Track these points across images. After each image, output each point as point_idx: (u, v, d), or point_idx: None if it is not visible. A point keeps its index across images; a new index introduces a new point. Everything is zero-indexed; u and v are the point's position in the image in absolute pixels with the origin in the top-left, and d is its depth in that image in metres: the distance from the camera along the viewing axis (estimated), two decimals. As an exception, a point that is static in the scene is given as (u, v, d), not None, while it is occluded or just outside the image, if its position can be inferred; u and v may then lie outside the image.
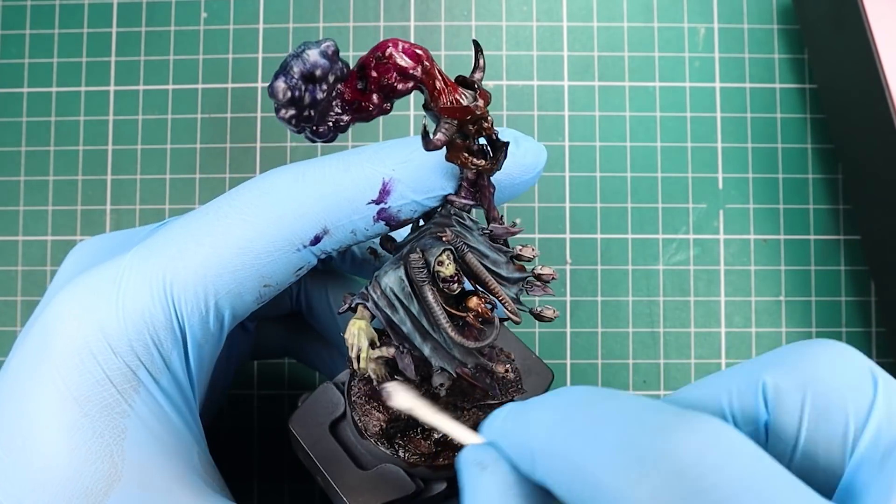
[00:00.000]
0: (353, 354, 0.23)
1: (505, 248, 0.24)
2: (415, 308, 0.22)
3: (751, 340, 0.38)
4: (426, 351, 0.23)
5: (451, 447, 0.24)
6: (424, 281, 0.22)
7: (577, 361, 0.38)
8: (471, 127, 0.21)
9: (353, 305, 0.23)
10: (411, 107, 0.39)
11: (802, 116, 0.39)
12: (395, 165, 0.23)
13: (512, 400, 0.25)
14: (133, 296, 0.23)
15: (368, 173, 0.23)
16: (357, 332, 0.23)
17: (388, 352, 0.23)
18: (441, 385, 0.24)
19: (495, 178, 0.24)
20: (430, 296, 0.22)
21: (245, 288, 0.23)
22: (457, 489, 0.24)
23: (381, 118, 0.38)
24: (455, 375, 0.23)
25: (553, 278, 0.24)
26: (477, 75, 0.22)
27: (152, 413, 0.23)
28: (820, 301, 0.38)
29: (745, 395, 0.17)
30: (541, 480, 0.17)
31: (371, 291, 0.23)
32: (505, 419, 0.19)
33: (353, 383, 0.25)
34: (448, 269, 0.22)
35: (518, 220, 0.24)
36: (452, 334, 0.22)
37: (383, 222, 0.23)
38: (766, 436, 0.17)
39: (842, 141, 0.37)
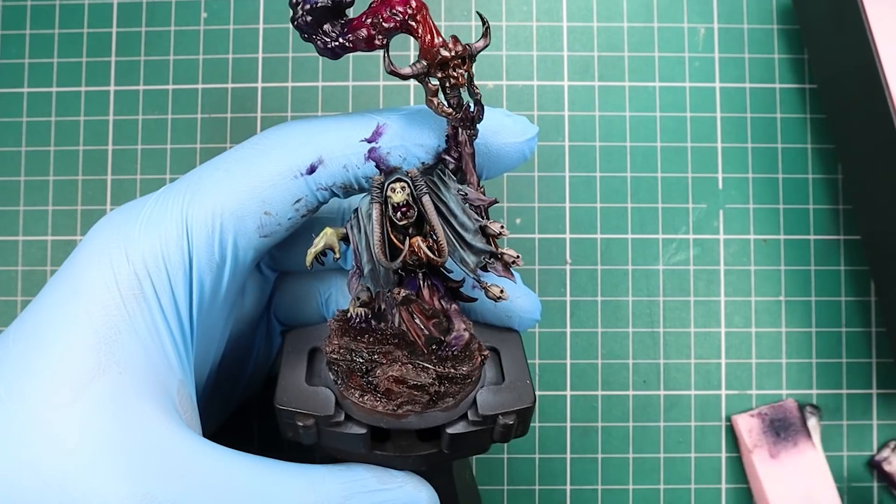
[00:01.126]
0: (309, 249, 0.25)
1: (477, 217, 0.25)
2: (369, 229, 0.24)
3: (751, 340, 0.38)
4: (365, 271, 0.25)
5: (377, 391, 0.25)
6: (375, 199, 0.24)
7: (576, 361, 0.38)
8: (439, 72, 0.24)
9: (343, 224, 0.26)
10: (411, 101, 0.39)
11: (802, 116, 0.39)
12: (391, 115, 0.26)
13: (456, 373, 0.25)
14: (155, 212, 0.25)
15: (366, 118, 0.26)
16: (322, 234, 0.25)
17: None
18: (358, 299, 0.25)
19: (489, 143, 0.26)
20: (375, 212, 0.24)
21: (247, 211, 0.25)
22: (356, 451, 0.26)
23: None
24: (373, 296, 0.25)
25: (515, 262, 0.25)
26: (478, 44, 0.24)
27: (146, 326, 0.24)
28: (820, 301, 0.38)
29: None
30: None
31: (352, 216, 0.25)
32: None
33: (337, 312, 0.27)
34: (397, 196, 0.24)
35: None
36: (375, 247, 0.24)
37: (373, 162, 0.25)
38: None
39: (842, 140, 0.37)
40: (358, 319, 0.26)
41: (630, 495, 0.37)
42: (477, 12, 0.25)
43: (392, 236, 0.24)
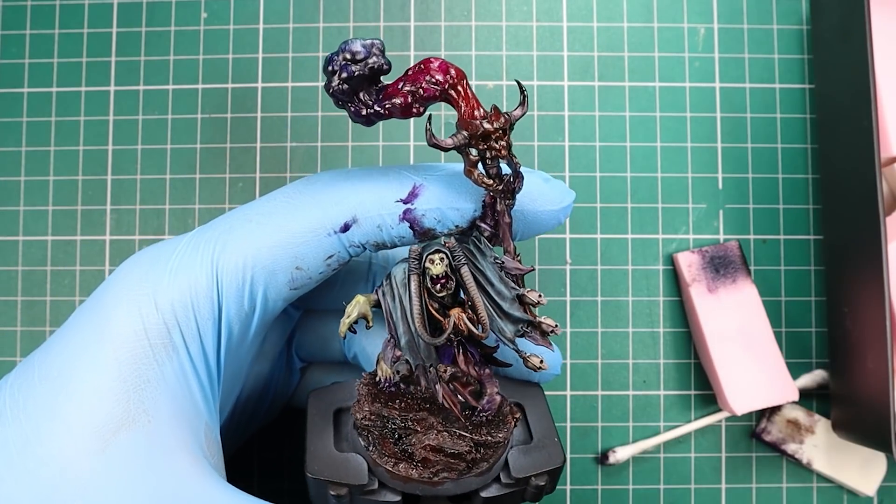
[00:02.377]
0: (342, 319, 0.25)
1: (514, 285, 0.24)
2: (406, 299, 0.24)
3: (751, 340, 0.38)
4: (402, 341, 0.24)
5: (412, 459, 0.25)
6: (413, 271, 0.24)
7: (577, 361, 0.38)
8: (481, 143, 0.23)
9: (374, 290, 0.26)
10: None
11: (802, 116, 0.39)
12: (427, 176, 0.25)
13: (493, 440, 0.25)
14: (185, 262, 0.25)
15: (402, 176, 0.25)
16: (355, 303, 0.25)
17: (398, 352, 0.25)
18: (397, 373, 0.25)
19: (525, 210, 0.25)
20: (413, 284, 0.24)
21: (279, 266, 0.25)
22: None
23: (381, 127, 0.38)
24: (412, 369, 0.25)
25: (553, 331, 0.24)
26: (516, 113, 0.24)
27: (175, 375, 0.24)
28: (819, 301, 0.38)
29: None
30: None
31: (385, 282, 0.25)
32: None
33: (364, 376, 0.27)
34: (436, 267, 0.23)
35: (533, 268, 0.25)
36: (415, 321, 0.23)
37: (408, 224, 0.25)
38: None
39: (824, 142, 0.38)
40: (387, 384, 0.26)
41: (630, 495, 0.37)
42: (516, 80, 0.25)
43: (430, 307, 0.24)
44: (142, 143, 0.39)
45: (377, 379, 0.26)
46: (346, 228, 0.25)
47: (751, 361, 0.36)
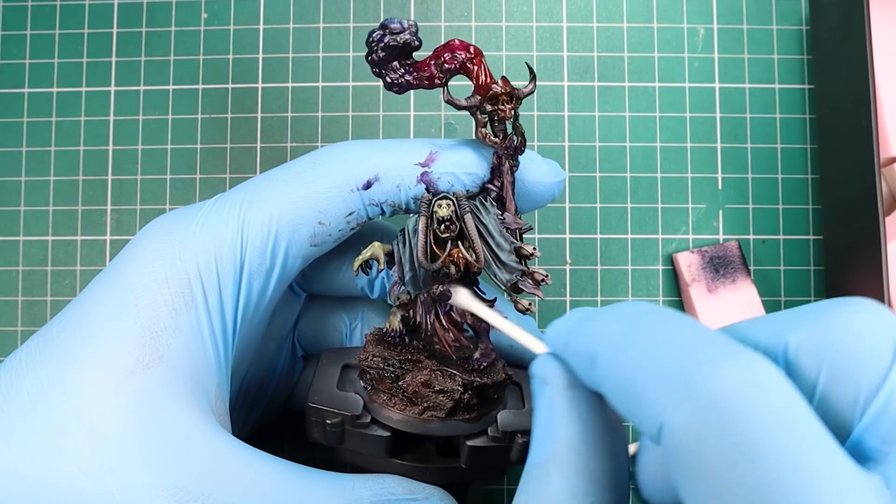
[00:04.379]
0: (356, 257, 0.27)
1: (512, 239, 0.27)
2: (414, 241, 0.26)
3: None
4: (406, 278, 0.27)
5: (404, 395, 0.27)
6: (422, 214, 0.26)
7: (576, 361, 0.38)
8: (489, 105, 0.27)
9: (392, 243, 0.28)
10: (411, 107, 0.39)
11: (802, 117, 0.39)
12: (443, 144, 0.28)
13: (481, 382, 0.27)
14: (211, 216, 0.26)
15: (422, 143, 0.27)
16: (371, 247, 0.27)
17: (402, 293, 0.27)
18: (398, 300, 0.27)
19: (524, 179, 0.28)
20: (421, 223, 0.26)
21: (303, 219, 0.26)
22: (395, 446, 0.27)
23: (383, 118, 0.39)
24: (413, 298, 0.27)
25: (545, 280, 0.27)
26: (525, 90, 0.27)
27: (191, 326, 0.25)
28: (819, 301, 0.38)
29: (770, 351, 0.18)
30: (595, 384, 0.19)
31: (399, 233, 0.27)
32: (571, 326, 0.20)
33: (374, 328, 0.29)
34: (442, 210, 0.26)
35: (531, 226, 0.28)
36: (420, 252, 0.26)
37: (424, 185, 0.27)
38: None
39: (824, 142, 0.38)
40: (393, 334, 0.28)
41: (629, 494, 0.37)
42: (526, 63, 0.28)
43: (434, 248, 0.26)
44: (142, 143, 0.39)
45: (383, 330, 0.28)
46: (368, 186, 0.26)
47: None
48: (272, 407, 0.33)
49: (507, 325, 0.24)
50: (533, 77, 0.27)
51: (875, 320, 0.17)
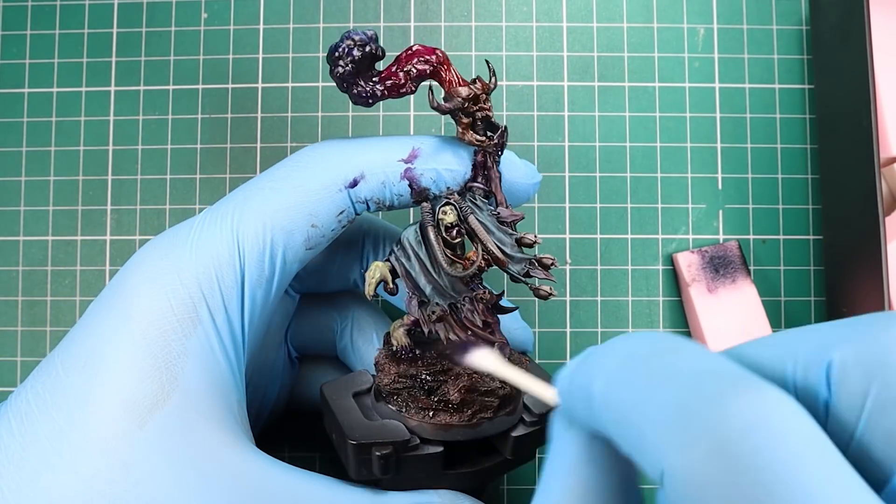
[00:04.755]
0: (366, 283, 0.27)
1: (511, 231, 0.27)
2: (423, 253, 0.27)
3: (750, 340, 0.38)
4: (427, 291, 0.27)
5: (449, 405, 0.26)
6: (429, 223, 0.26)
7: (576, 361, 0.38)
8: (472, 106, 0.27)
9: (385, 258, 0.28)
10: (411, 107, 0.39)
11: (802, 117, 0.39)
12: (425, 140, 0.28)
13: (488, 391, 0.27)
14: (205, 235, 0.26)
15: (404, 140, 0.27)
16: (374, 269, 0.27)
17: (408, 319, 0.27)
18: (433, 313, 0.27)
19: (505, 178, 0.28)
20: (431, 233, 0.26)
21: (296, 225, 0.26)
22: (457, 457, 0.27)
23: (383, 118, 0.39)
24: (447, 309, 0.26)
25: (553, 264, 0.27)
26: (491, 83, 0.27)
27: (203, 348, 0.24)
28: (819, 301, 0.38)
29: (811, 368, 0.16)
30: (595, 426, 0.17)
31: (395, 248, 0.27)
32: (575, 365, 0.18)
33: (379, 350, 0.28)
34: (449, 216, 0.26)
35: (524, 215, 0.28)
36: (443, 262, 0.26)
37: (407, 182, 0.27)
38: (825, 413, 0.16)
39: (824, 142, 0.38)
40: (404, 351, 0.27)
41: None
42: (486, 60, 0.29)
43: (448, 254, 0.27)
44: (142, 143, 0.39)
45: (394, 349, 0.27)
46: (354, 184, 0.26)
47: (751, 361, 0.36)
48: (275, 411, 0.33)
49: (528, 382, 0.22)
50: (492, 72, 0.27)
51: None
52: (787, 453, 0.13)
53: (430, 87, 0.27)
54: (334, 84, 0.27)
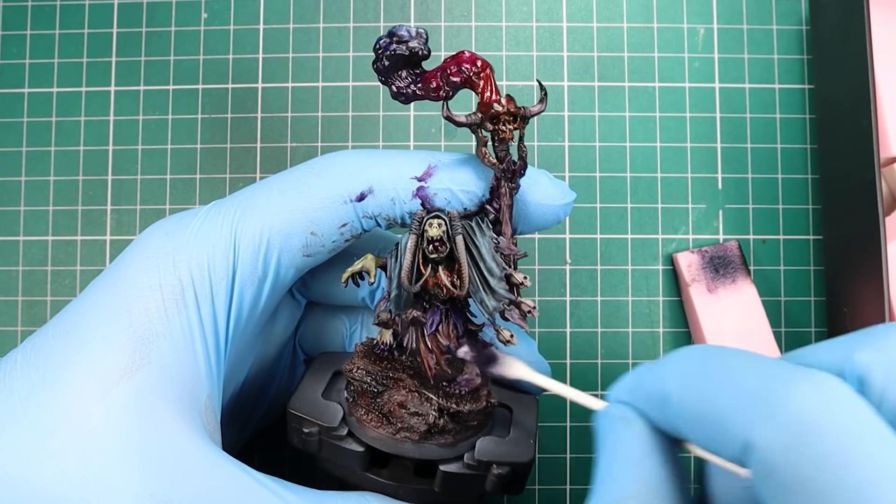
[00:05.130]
0: (348, 268, 0.27)
1: (504, 265, 0.26)
2: (403, 256, 0.26)
3: (750, 340, 0.38)
4: (393, 293, 0.26)
5: (381, 413, 0.26)
6: (413, 231, 0.25)
7: (576, 361, 0.38)
8: (489, 124, 0.25)
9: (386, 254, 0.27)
10: (412, 107, 0.39)
11: (802, 117, 0.39)
12: (443, 158, 0.27)
13: (457, 409, 0.26)
14: (206, 223, 0.26)
15: (419, 157, 0.27)
16: (363, 259, 0.27)
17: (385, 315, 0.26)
18: (378, 317, 0.26)
19: (528, 200, 0.27)
20: (411, 241, 0.25)
21: (295, 229, 0.26)
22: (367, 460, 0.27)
23: (383, 118, 0.39)
24: (393, 318, 0.26)
25: (531, 312, 0.26)
26: (534, 108, 0.26)
27: (183, 333, 0.25)
28: (819, 301, 0.38)
29: (837, 369, 0.19)
30: (671, 422, 0.19)
31: (394, 246, 0.26)
32: (637, 376, 0.21)
33: (362, 342, 0.28)
34: (433, 230, 0.25)
35: (526, 253, 0.27)
36: (403, 273, 0.25)
37: (420, 200, 0.26)
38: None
39: (824, 142, 0.38)
40: (383, 347, 0.27)
41: None
42: (537, 80, 0.27)
43: (422, 267, 0.26)
44: (142, 143, 0.39)
45: (374, 342, 0.27)
46: (361, 198, 0.26)
47: (750, 361, 0.36)
48: (273, 409, 0.33)
49: (562, 388, 0.24)
50: (544, 95, 0.26)
51: None
52: (849, 418, 0.16)
53: (451, 97, 0.26)
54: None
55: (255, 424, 0.33)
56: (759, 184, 0.38)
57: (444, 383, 0.27)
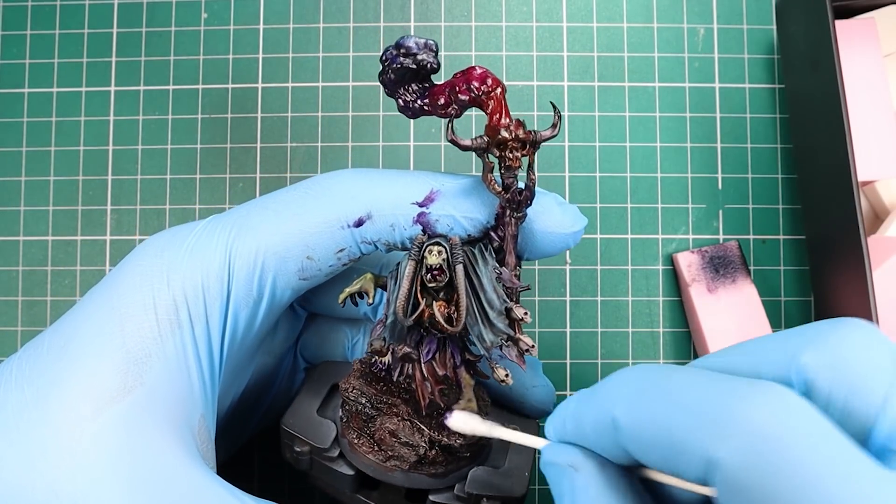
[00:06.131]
0: (346, 288, 0.26)
1: (505, 298, 0.25)
2: (400, 283, 0.25)
3: (750, 340, 0.38)
4: (388, 320, 0.25)
5: (372, 439, 0.26)
6: (412, 257, 0.24)
7: (576, 361, 0.38)
8: (496, 150, 0.24)
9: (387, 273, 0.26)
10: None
11: (802, 117, 0.39)
12: (446, 182, 0.26)
13: (448, 442, 0.26)
14: (201, 241, 0.25)
15: (421, 180, 0.26)
16: (361, 278, 0.26)
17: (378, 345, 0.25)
18: (371, 345, 0.25)
19: (535, 229, 0.25)
20: (407, 268, 0.24)
21: (290, 253, 0.25)
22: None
23: (383, 118, 0.38)
24: (386, 347, 0.25)
25: (529, 351, 0.25)
26: (545, 133, 0.24)
27: (177, 353, 0.24)
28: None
29: (783, 370, 0.19)
30: (623, 449, 0.19)
31: (395, 267, 0.26)
32: (575, 407, 0.20)
33: (360, 358, 0.27)
34: (433, 258, 0.24)
35: (528, 286, 0.25)
36: (398, 304, 0.24)
37: (421, 227, 0.25)
38: None
39: (803, 170, 0.38)
40: (381, 366, 0.26)
41: None
42: (550, 102, 0.25)
43: (419, 295, 0.24)
44: (142, 143, 0.39)
45: (373, 359, 0.27)
46: (359, 223, 0.25)
47: (750, 361, 0.36)
48: (271, 414, 0.33)
49: (509, 434, 0.23)
50: (557, 119, 0.24)
51: (873, 339, 0.19)
52: (807, 429, 0.16)
53: (451, 121, 0.24)
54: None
55: (253, 429, 0.33)
56: (759, 184, 0.38)
57: (438, 412, 0.26)
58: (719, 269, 0.37)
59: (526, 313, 0.24)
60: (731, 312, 0.36)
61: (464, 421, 0.24)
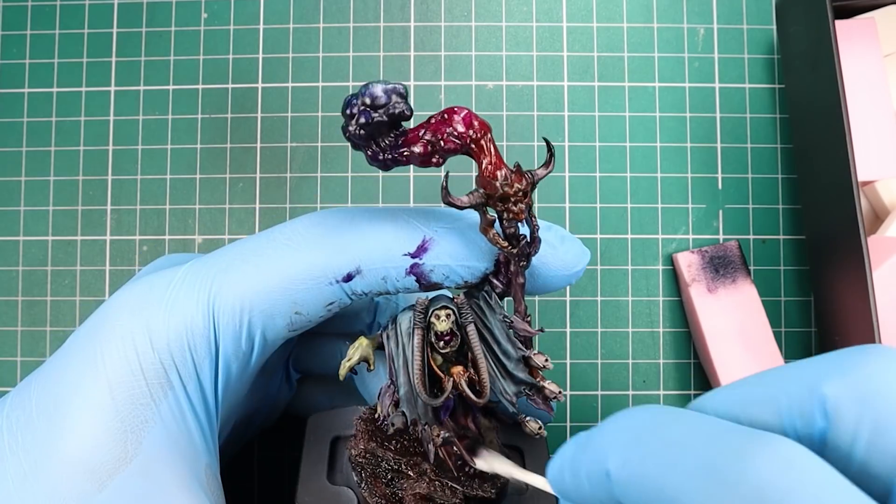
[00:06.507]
0: (343, 361, 0.24)
1: (520, 346, 0.23)
2: (409, 350, 0.23)
3: (750, 340, 0.38)
4: (401, 391, 0.23)
5: (399, 502, 0.25)
6: (418, 325, 0.23)
7: (576, 361, 0.38)
8: (498, 204, 0.22)
9: (378, 333, 0.25)
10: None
11: (802, 117, 0.39)
12: (438, 228, 0.24)
13: (485, 496, 0.25)
14: (181, 300, 0.24)
15: (412, 227, 0.24)
16: (357, 346, 0.24)
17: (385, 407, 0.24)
18: (392, 425, 0.24)
19: (536, 271, 0.24)
20: (416, 338, 0.23)
21: (278, 311, 0.24)
22: None
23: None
24: (409, 423, 0.23)
25: (557, 397, 0.23)
26: (540, 172, 0.22)
27: (173, 414, 0.23)
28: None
29: (804, 402, 0.17)
30: (619, 501, 0.17)
31: (390, 325, 0.24)
32: (573, 455, 0.19)
33: (360, 413, 0.26)
34: (442, 324, 0.22)
35: (542, 329, 0.24)
36: (416, 380, 0.22)
37: (414, 277, 0.23)
38: (823, 441, 0.17)
39: (803, 170, 0.38)
40: (384, 420, 0.25)
41: None
42: (543, 138, 0.24)
43: (432, 361, 0.23)
44: (142, 143, 0.39)
45: (376, 415, 0.25)
46: (348, 279, 0.24)
47: (750, 361, 0.36)
48: (268, 422, 0.33)
49: (533, 478, 0.22)
50: (550, 156, 0.22)
51: None
52: (814, 487, 0.15)
53: (446, 175, 0.22)
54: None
55: (249, 438, 0.33)
56: (759, 184, 0.38)
57: (461, 462, 0.25)
58: (719, 269, 0.37)
59: (546, 360, 0.23)
60: (731, 312, 0.36)
61: (492, 463, 0.23)
